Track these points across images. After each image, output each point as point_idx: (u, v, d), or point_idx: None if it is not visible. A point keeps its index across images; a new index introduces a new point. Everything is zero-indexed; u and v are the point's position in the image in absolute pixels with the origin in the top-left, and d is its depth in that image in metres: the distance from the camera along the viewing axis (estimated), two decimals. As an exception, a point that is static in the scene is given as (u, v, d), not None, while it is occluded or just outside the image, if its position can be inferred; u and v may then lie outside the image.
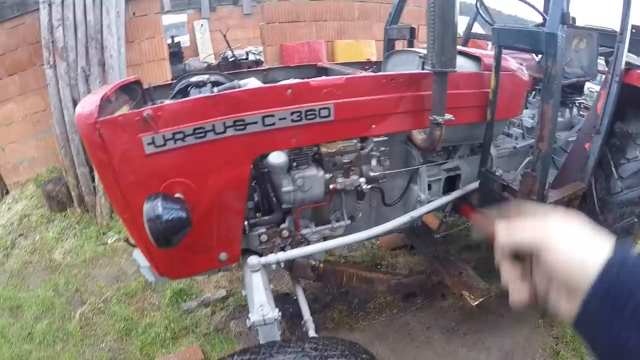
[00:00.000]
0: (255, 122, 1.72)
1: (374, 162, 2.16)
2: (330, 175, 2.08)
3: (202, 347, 2.84)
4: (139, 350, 2.86)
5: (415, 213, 2.31)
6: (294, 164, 1.99)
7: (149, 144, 1.58)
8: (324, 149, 2.01)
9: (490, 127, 2.29)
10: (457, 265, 2.69)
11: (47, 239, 4.26)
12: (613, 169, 2.55)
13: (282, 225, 2.10)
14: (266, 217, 2.08)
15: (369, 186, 2.13)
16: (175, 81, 2.37)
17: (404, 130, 2.18)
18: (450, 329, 2.96)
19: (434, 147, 2.08)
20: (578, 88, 3.34)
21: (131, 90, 2.16)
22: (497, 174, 2.52)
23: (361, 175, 2.15)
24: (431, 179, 2.47)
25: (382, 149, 2.17)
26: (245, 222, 2.01)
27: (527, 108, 3.43)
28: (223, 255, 1.98)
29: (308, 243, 2.17)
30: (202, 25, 11.59)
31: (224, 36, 9.35)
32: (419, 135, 2.17)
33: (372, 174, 2.15)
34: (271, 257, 1.96)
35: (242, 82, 2.23)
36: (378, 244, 3.94)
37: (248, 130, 1.72)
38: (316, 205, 2.14)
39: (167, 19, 11.55)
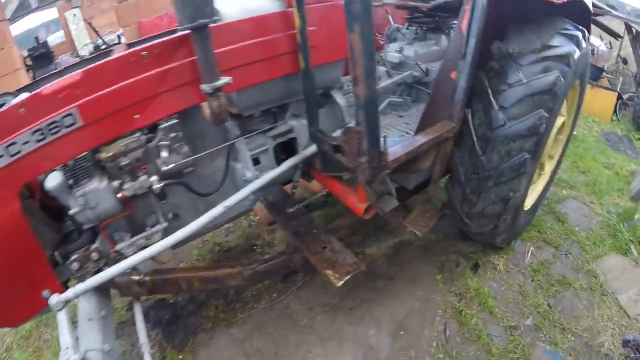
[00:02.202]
0: (1, 156, 1.49)
1: (164, 153, 1.83)
2: (120, 181, 1.81)
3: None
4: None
5: (230, 201, 1.89)
6: (71, 181, 1.72)
7: None
8: (102, 154, 1.72)
9: (309, 77, 1.81)
10: (320, 239, 2.27)
11: None
12: (492, 98, 2.09)
13: (92, 247, 1.87)
14: (72, 244, 1.88)
15: (162, 184, 1.82)
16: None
17: (181, 109, 1.77)
18: (334, 306, 2.62)
19: (221, 120, 1.73)
20: (454, 10, 2.78)
21: None
22: (350, 125, 2.02)
23: (155, 173, 1.85)
24: (256, 152, 2.07)
25: (173, 134, 1.84)
26: (56, 253, 1.85)
27: (395, 41, 2.91)
28: (46, 293, 1.78)
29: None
30: (74, 15, 10.15)
31: (89, 24, 8.51)
32: (206, 110, 1.77)
33: (165, 167, 1.84)
34: (69, 293, 1.70)
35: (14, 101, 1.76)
36: (257, 219, 3.50)
37: None
38: (118, 218, 1.88)
39: (36, 18, 10.63)
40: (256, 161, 2.08)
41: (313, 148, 2.07)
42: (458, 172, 2.25)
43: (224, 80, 1.58)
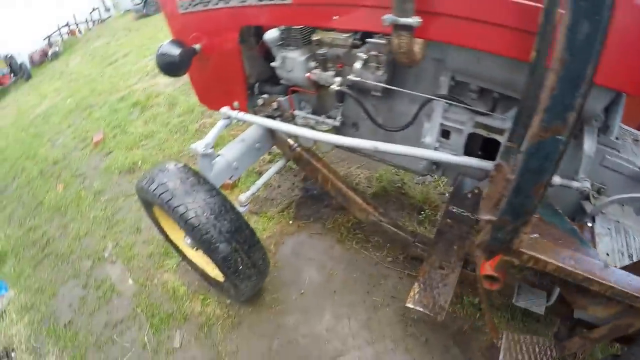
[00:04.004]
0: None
1: (357, 65, 1.85)
2: (316, 64, 2.05)
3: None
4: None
5: (392, 148, 1.73)
6: (283, 42, 2.06)
7: (180, 6, 2.20)
8: (315, 36, 1.96)
9: (538, 76, 1.16)
10: (450, 259, 1.96)
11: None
12: None
13: (278, 98, 2.27)
14: (270, 87, 2.32)
15: (339, 88, 1.90)
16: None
17: (374, 30, 1.68)
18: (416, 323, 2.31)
19: (409, 61, 1.55)
20: None
21: None
22: (583, 183, 1.49)
23: (343, 75, 1.95)
24: (448, 124, 1.79)
25: (375, 53, 1.81)
26: (257, 84, 2.37)
27: None
28: (236, 103, 2.38)
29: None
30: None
31: None
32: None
33: (350, 77, 1.89)
34: (238, 114, 2.16)
35: None
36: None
37: (230, 4, 2.00)
38: (304, 91, 2.21)
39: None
40: (445, 133, 1.82)
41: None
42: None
43: (409, 20, 1.36)
